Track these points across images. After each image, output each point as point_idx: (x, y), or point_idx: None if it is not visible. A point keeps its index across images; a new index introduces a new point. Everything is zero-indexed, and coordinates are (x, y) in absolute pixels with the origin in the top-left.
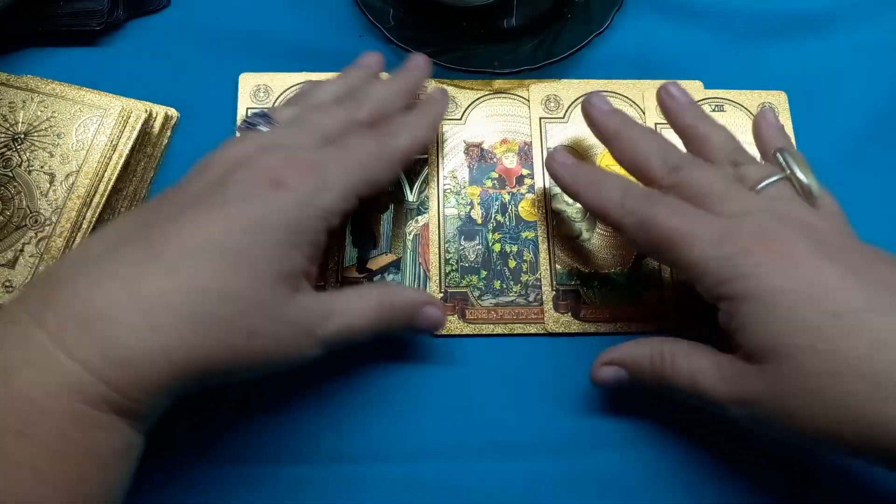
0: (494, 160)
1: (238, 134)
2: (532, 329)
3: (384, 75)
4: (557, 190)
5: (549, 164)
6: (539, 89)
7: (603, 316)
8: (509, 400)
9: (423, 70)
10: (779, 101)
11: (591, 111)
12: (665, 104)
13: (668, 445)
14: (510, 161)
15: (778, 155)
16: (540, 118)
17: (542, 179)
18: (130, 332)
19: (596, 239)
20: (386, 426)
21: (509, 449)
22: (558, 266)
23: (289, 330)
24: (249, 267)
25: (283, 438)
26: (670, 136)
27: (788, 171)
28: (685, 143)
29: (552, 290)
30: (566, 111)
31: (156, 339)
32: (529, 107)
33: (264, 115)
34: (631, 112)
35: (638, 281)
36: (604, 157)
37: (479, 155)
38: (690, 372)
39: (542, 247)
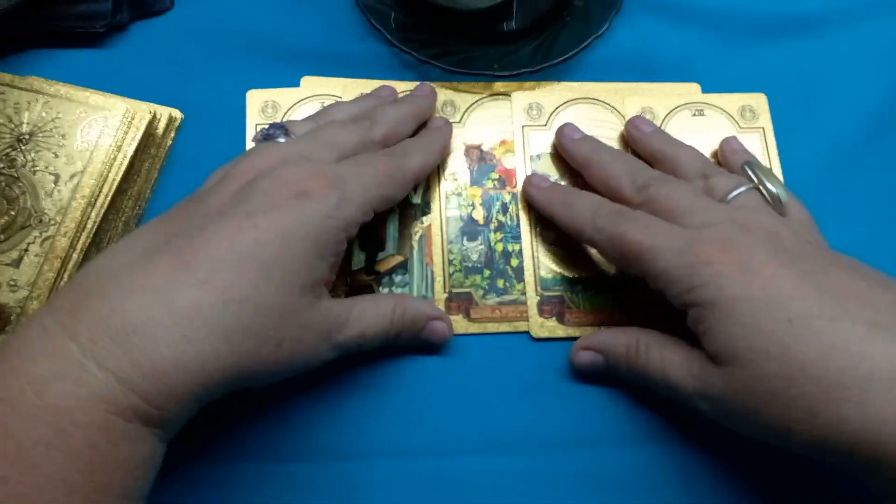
0: (494, 161)
1: (254, 145)
2: None
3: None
4: None
5: (526, 189)
6: (521, 97)
7: (588, 320)
8: (512, 398)
9: (430, 98)
10: (758, 103)
11: (563, 140)
12: (632, 136)
13: (667, 444)
14: (510, 162)
15: (746, 167)
16: (522, 126)
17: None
18: (166, 344)
19: (580, 244)
20: (389, 424)
21: (513, 447)
22: (542, 272)
23: (311, 336)
24: (279, 277)
25: (284, 436)
26: None
27: (756, 182)
28: (657, 167)
29: (536, 295)
30: (548, 118)
31: (191, 350)
32: (512, 114)
33: (282, 127)
34: (612, 118)
35: (622, 286)
36: None
37: (479, 156)
38: (662, 364)
39: (526, 253)
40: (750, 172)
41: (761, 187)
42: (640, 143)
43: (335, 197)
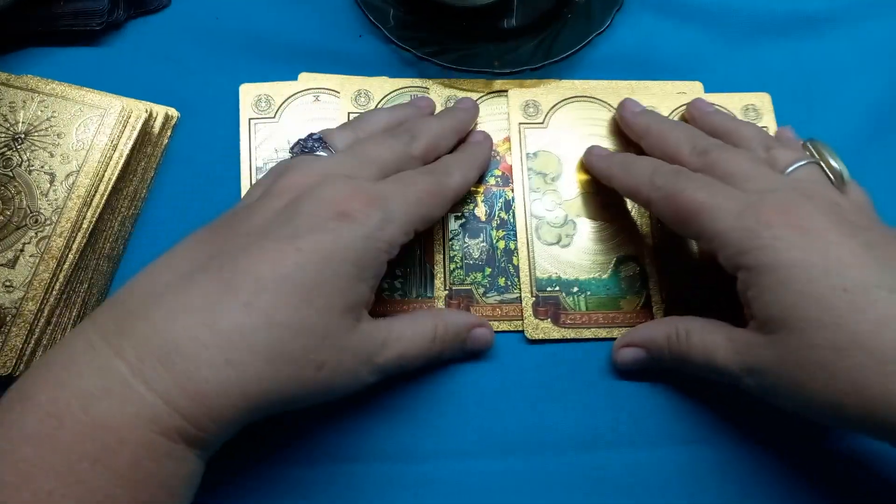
0: (497, 158)
1: (292, 157)
2: None
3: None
4: (537, 196)
5: (587, 158)
6: (518, 94)
7: (583, 322)
8: (511, 399)
9: (472, 112)
10: (763, 102)
11: (624, 113)
12: (693, 114)
13: (667, 445)
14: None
15: (809, 144)
16: (519, 123)
17: (520, 186)
18: (208, 367)
19: (576, 245)
20: (388, 426)
21: (512, 448)
22: (538, 273)
23: (351, 359)
24: (321, 301)
25: (283, 439)
26: None
27: (818, 157)
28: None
29: (531, 296)
30: (545, 116)
31: (233, 374)
32: (508, 112)
33: (320, 140)
34: (609, 116)
35: (619, 288)
36: (582, 163)
37: None
38: (704, 347)
39: (522, 253)
40: (812, 148)
41: (823, 163)
42: (700, 120)
43: (377, 218)
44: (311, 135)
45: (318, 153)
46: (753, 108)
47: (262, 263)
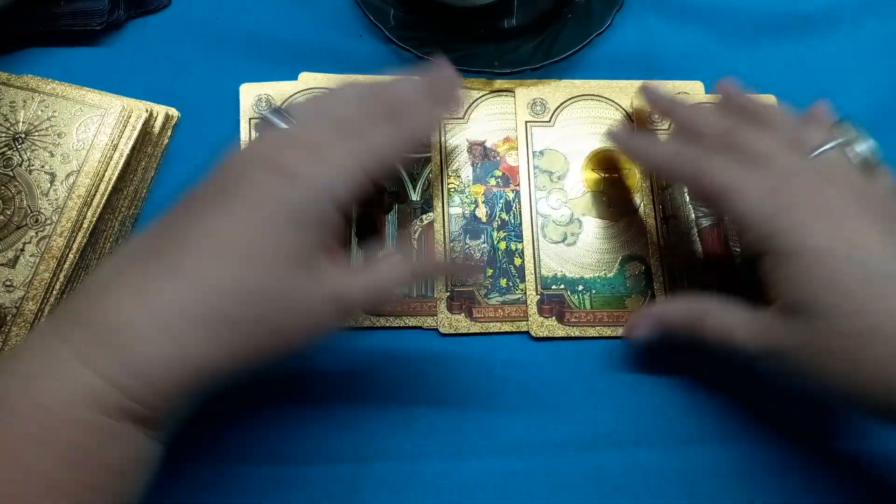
0: (498, 158)
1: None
2: None
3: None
4: (542, 194)
5: (612, 135)
6: (525, 93)
7: (588, 320)
8: (514, 399)
9: (454, 79)
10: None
11: (648, 93)
12: (721, 93)
13: (668, 445)
14: (514, 159)
15: (840, 125)
16: (526, 122)
17: (526, 184)
18: (147, 342)
19: (581, 244)
20: (391, 425)
21: (513, 448)
22: (543, 271)
23: (311, 308)
24: (260, 260)
25: (282, 439)
26: None
27: (848, 139)
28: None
29: (536, 294)
30: (552, 115)
31: (172, 347)
32: (515, 110)
33: (278, 111)
34: (617, 116)
35: (624, 287)
36: (589, 161)
37: (482, 153)
38: (723, 327)
39: (528, 251)
40: (842, 130)
41: (854, 146)
42: (730, 100)
43: (316, 167)
44: (271, 107)
45: (277, 124)
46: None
47: (197, 234)
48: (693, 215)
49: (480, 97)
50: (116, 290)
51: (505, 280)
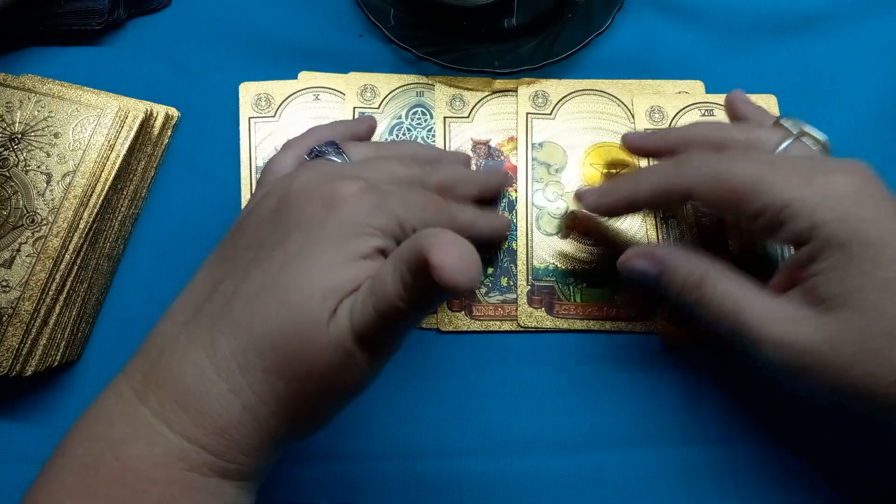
0: (502, 158)
1: (306, 159)
2: None
3: None
4: (539, 186)
5: (583, 198)
6: (527, 87)
7: (577, 313)
8: (513, 398)
9: (503, 178)
10: (769, 104)
11: (629, 141)
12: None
13: (667, 445)
14: (517, 158)
15: (782, 121)
16: (527, 113)
17: (524, 175)
18: (216, 400)
19: (574, 237)
20: (388, 425)
21: (513, 447)
22: (535, 262)
23: (335, 350)
24: (296, 297)
25: None
26: None
27: (798, 132)
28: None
29: (527, 284)
30: (554, 108)
31: (238, 402)
32: (517, 101)
33: (334, 145)
34: (619, 112)
35: (616, 282)
36: (588, 156)
37: (486, 153)
38: (735, 300)
39: (521, 241)
40: (788, 124)
41: (809, 135)
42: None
43: (369, 203)
44: (328, 140)
45: (330, 157)
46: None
47: (252, 277)
48: (693, 214)
49: (486, 96)
50: (185, 346)
51: (506, 279)
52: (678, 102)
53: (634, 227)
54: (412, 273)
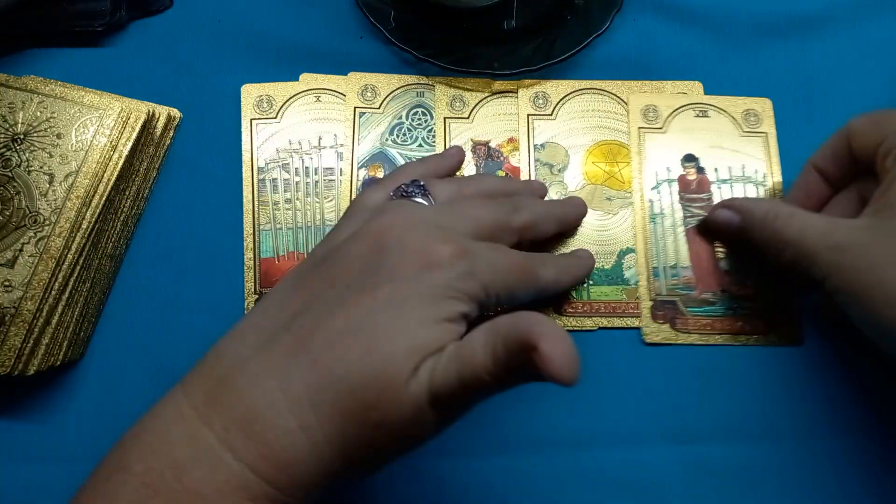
0: (501, 159)
1: (393, 199)
2: None
3: None
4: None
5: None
6: (527, 89)
7: (585, 311)
8: (514, 398)
9: (581, 210)
10: (763, 107)
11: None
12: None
13: (666, 445)
14: (517, 159)
15: None
16: (528, 114)
17: (526, 177)
18: (284, 434)
19: (580, 236)
20: None
21: (513, 447)
22: None
23: (410, 407)
24: (383, 348)
25: None
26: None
27: None
28: None
29: None
30: (554, 108)
31: (305, 440)
32: (518, 102)
33: (422, 187)
34: (619, 110)
35: (620, 278)
36: (590, 154)
37: (486, 153)
38: (802, 227)
39: None
40: None
41: None
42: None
43: (462, 269)
44: (413, 180)
45: (416, 199)
46: (754, 113)
47: (336, 317)
48: (681, 214)
49: (486, 97)
50: (256, 373)
51: None
52: (671, 102)
53: (624, 225)
54: (507, 352)
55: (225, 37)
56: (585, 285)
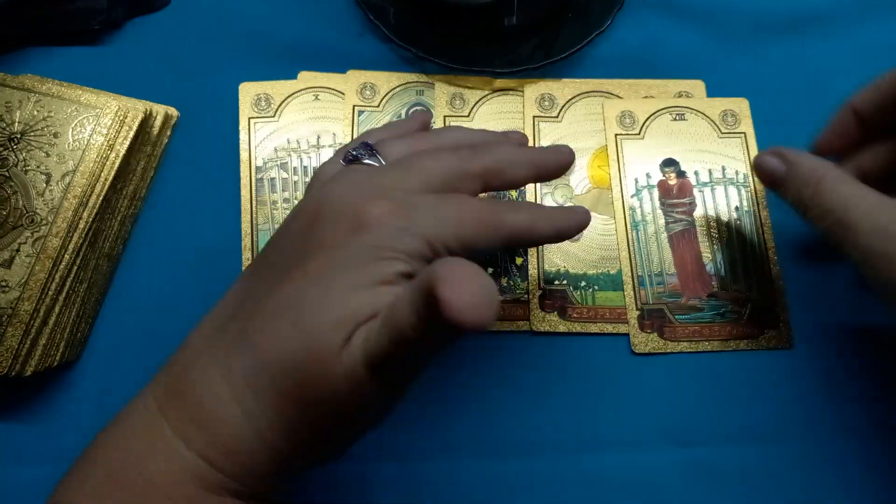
0: None
1: (342, 164)
2: None
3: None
4: (548, 190)
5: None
6: (534, 88)
7: (589, 316)
8: (513, 398)
9: (565, 155)
10: (740, 107)
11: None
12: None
13: (669, 445)
14: None
15: None
16: (534, 117)
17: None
18: (228, 421)
19: (585, 240)
20: (388, 426)
21: (514, 447)
22: (546, 265)
23: (346, 380)
24: (309, 322)
25: None
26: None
27: None
28: None
29: (539, 289)
30: (560, 110)
31: (249, 425)
32: (523, 104)
33: (369, 148)
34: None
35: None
36: (596, 157)
37: None
38: (848, 196)
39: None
40: None
41: None
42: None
43: (395, 225)
44: (363, 142)
45: (365, 161)
46: (731, 113)
47: (272, 297)
48: (664, 220)
49: (487, 95)
50: (204, 364)
51: (505, 279)
52: (648, 107)
53: (610, 229)
54: (426, 305)
55: (223, 35)
56: (591, 290)
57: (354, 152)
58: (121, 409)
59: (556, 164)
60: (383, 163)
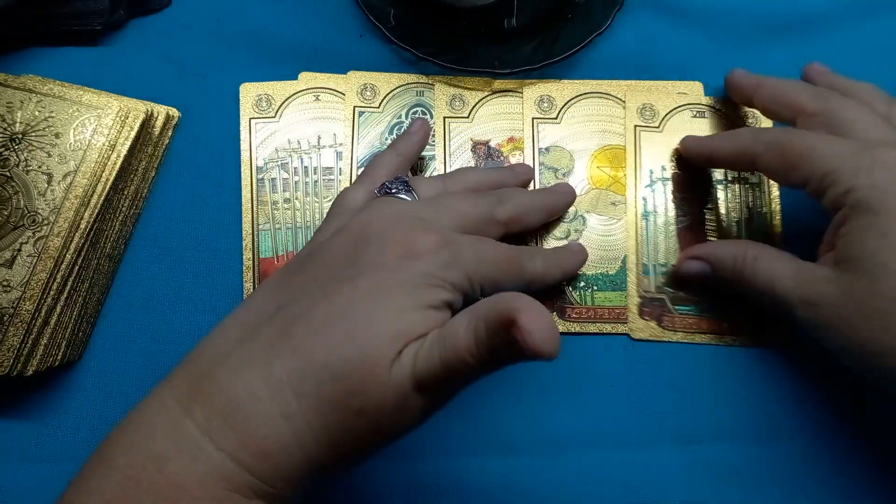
0: (501, 158)
1: (376, 198)
2: None
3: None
4: None
5: (684, 145)
6: (532, 90)
7: (588, 316)
8: (513, 398)
9: (570, 196)
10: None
11: (732, 77)
12: (809, 75)
13: (670, 445)
14: (517, 159)
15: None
16: (533, 118)
17: (531, 182)
18: (265, 422)
19: (584, 241)
20: None
21: (514, 447)
22: None
23: (393, 394)
24: (363, 335)
25: None
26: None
27: None
28: None
29: None
30: (559, 112)
31: (287, 427)
32: (522, 105)
33: (405, 184)
34: (619, 112)
35: (624, 283)
36: (595, 158)
37: (486, 153)
38: (770, 274)
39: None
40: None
41: None
42: (817, 79)
43: (443, 258)
44: (397, 177)
45: (400, 196)
46: (753, 113)
47: (318, 307)
48: (674, 213)
49: (486, 96)
50: (238, 364)
51: None
52: (671, 102)
53: (609, 230)
54: (489, 332)
55: (224, 35)
56: (590, 290)
57: (391, 187)
58: (132, 411)
59: (564, 207)
60: (417, 198)
